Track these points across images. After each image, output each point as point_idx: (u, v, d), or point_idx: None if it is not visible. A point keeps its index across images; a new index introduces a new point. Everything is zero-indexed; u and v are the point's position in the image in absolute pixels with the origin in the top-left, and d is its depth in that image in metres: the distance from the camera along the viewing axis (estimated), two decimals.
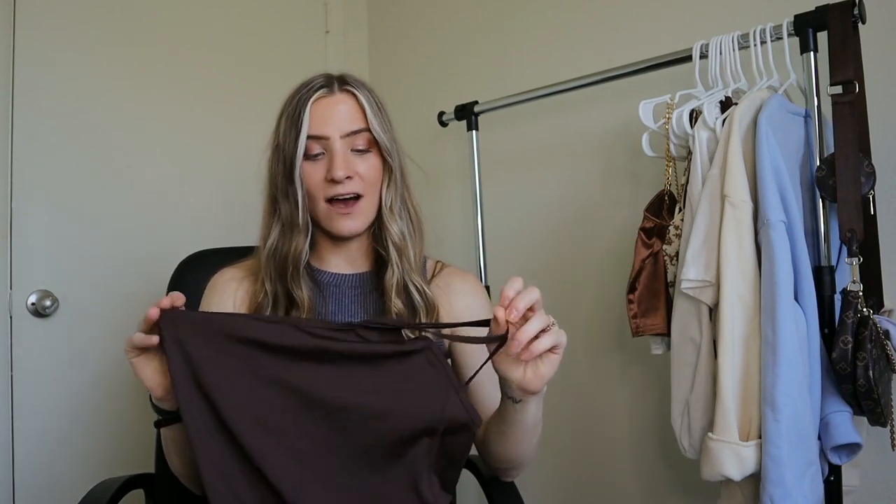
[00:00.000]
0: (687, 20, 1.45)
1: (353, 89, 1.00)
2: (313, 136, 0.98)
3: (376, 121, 1.00)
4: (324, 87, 0.99)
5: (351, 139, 0.99)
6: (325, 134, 0.98)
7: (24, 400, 1.50)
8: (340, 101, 0.99)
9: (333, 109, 0.98)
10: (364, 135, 0.99)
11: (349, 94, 1.00)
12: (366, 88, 1.02)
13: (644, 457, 1.52)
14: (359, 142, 0.99)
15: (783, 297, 0.99)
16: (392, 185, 1.02)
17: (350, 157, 0.99)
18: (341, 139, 0.98)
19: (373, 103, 1.01)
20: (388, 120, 1.03)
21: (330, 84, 1.00)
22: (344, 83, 1.01)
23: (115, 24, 1.66)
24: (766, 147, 1.04)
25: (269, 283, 1.00)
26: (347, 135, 0.98)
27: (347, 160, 0.98)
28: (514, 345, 0.77)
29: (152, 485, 1.23)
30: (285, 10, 2.02)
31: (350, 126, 0.98)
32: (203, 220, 1.77)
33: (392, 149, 1.01)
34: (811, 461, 0.99)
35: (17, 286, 1.51)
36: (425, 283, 1.04)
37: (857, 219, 1.03)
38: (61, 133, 1.57)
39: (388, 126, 1.02)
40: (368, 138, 1.00)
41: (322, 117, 0.98)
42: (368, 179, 1.00)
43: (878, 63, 1.17)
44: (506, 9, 1.79)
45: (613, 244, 1.55)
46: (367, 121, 0.99)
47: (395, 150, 1.03)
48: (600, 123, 1.58)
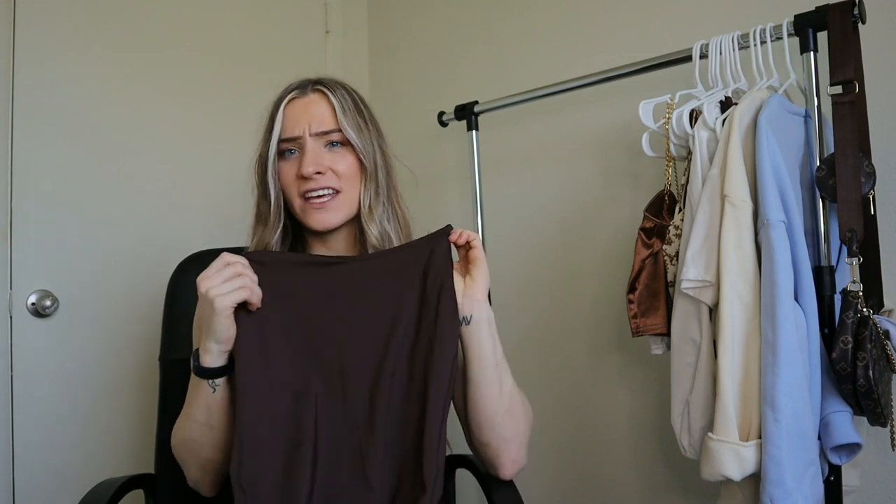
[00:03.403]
0: (687, 20, 1.45)
1: (324, 89, 1.02)
2: (285, 138, 1.01)
3: (347, 120, 1.01)
4: (297, 88, 1.03)
5: (324, 137, 1.01)
6: (295, 134, 1.00)
7: (24, 400, 1.49)
8: (312, 101, 1.02)
9: (304, 110, 1.01)
10: (336, 134, 1.01)
11: (321, 94, 1.02)
12: (344, 89, 1.04)
13: (644, 457, 1.52)
14: (333, 138, 1.01)
15: (783, 297, 0.99)
16: (370, 185, 1.03)
17: (322, 154, 1.01)
18: (311, 137, 1.00)
19: (347, 103, 1.02)
20: (366, 120, 1.04)
21: (304, 86, 1.03)
22: (318, 84, 1.03)
23: (114, 24, 1.66)
24: (766, 147, 1.04)
25: None
26: (318, 134, 1.00)
27: (318, 156, 1.00)
28: (453, 234, 0.96)
29: (152, 485, 1.23)
30: (285, 10, 2.02)
31: (320, 126, 1.00)
32: (203, 220, 1.77)
33: (368, 149, 1.02)
34: (811, 461, 0.99)
35: (17, 286, 1.51)
36: None
37: (857, 219, 1.03)
38: (61, 133, 1.57)
39: (364, 126, 1.03)
40: (342, 137, 1.01)
41: (293, 118, 1.01)
42: (344, 175, 1.01)
43: (878, 63, 1.17)
44: (506, 9, 1.79)
45: (613, 244, 1.55)
46: (338, 120, 1.00)
47: (374, 151, 1.03)
48: (600, 123, 1.58)
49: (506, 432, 0.97)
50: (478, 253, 0.97)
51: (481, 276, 0.96)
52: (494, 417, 0.96)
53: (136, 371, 1.63)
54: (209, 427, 0.93)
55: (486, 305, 0.96)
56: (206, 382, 0.90)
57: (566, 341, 1.65)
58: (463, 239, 0.97)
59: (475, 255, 0.97)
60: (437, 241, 0.97)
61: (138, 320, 1.62)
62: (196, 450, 0.96)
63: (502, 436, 0.97)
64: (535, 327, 1.70)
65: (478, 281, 0.96)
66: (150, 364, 1.37)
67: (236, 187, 1.81)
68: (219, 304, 0.86)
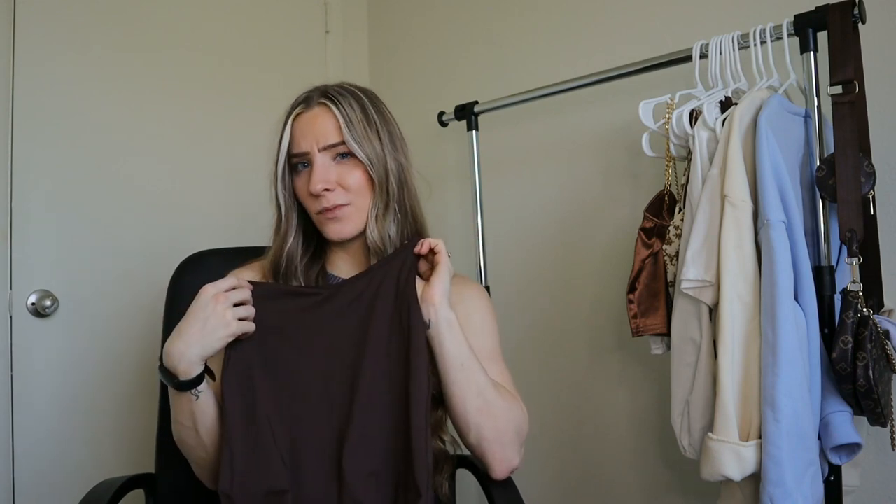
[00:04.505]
0: (687, 20, 1.45)
1: (328, 102, 1.01)
2: (294, 153, 1.02)
3: (351, 133, 0.99)
4: (303, 101, 1.03)
5: (332, 149, 1.01)
6: (303, 150, 1.01)
7: (24, 400, 1.49)
8: (317, 115, 1.01)
9: (310, 124, 1.01)
10: (343, 146, 1.00)
11: (324, 107, 1.01)
12: (352, 97, 1.02)
13: (644, 457, 1.52)
14: (340, 150, 1.01)
15: (783, 297, 0.99)
16: (380, 195, 1.02)
17: (331, 168, 1.00)
18: (320, 152, 1.00)
19: (354, 114, 1.00)
20: (374, 130, 1.02)
21: (309, 98, 1.03)
22: (324, 95, 1.02)
23: (114, 24, 1.66)
24: (766, 147, 1.04)
25: None
26: (324, 148, 1.00)
27: (326, 172, 1.00)
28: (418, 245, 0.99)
29: (152, 485, 1.23)
30: (285, 10, 2.01)
31: (326, 140, 1.00)
32: (203, 220, 1.76)
33: (375, 159, 1.01)
34: (811, 461, 0.99)
35: (17, 286, 1.51)
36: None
37: (857, 219, 1.03)
38: (61, 133, 1.57)
39: (371, 137, 1.01)
40: (348, 149, 1.00)
41: (300, 133, 1.01)
42: (354, 189, 1.01)
43: (878, 63, 1.17)
44: (506, 9, 1.79)
45: (613, 244, 1.55)
46: (342, 134, 1.00)
47: (384, 159, 1.02)
48: (600, 123, 1.58)
49: (485, 432, 0.96)
50: (440, 258, 0.99)
51: (438, 280, 0.97)
52: (467, 417, 0.96)
53: (136, 371, 1.63)
54: (195, 431, 0.93)
55: (445, 308, 0.97)
56: (188, 393, 0.90)
57: (566, 341, 1.65)
58: (426, 248, 0.99)
59: (437, 259, 0.99)
60: (406, 253, 1.00)
61: (138, 320, 1.62)
62: (188, 451, 0.98)
63: (483, 436, 0.96)
64: (535, 327, 1.70)
65: (434, 285, 0.97)
66: (150, 364, 1.37)
67: (236, 187, 1.82)
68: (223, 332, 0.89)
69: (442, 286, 0.97)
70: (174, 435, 0.98)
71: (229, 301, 0.90)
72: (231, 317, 0.89)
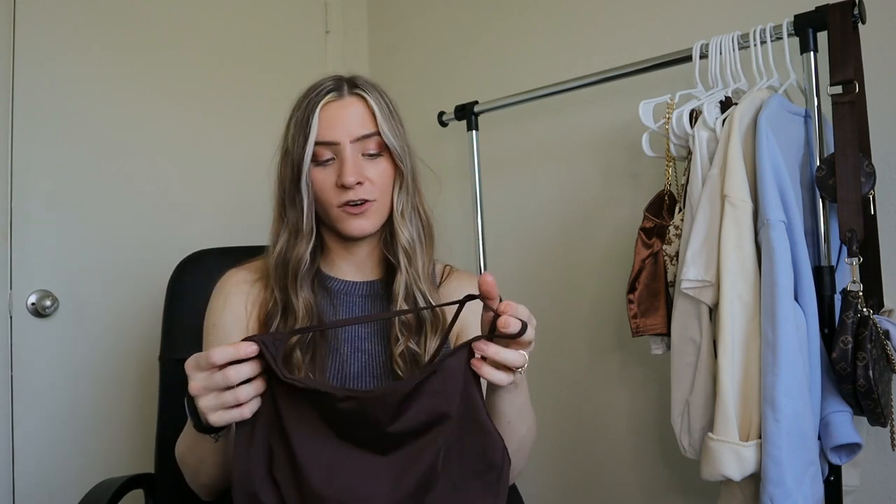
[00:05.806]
0: (687, 20, 1.45)
1: (362, 92, 0.98)
2: (322, 142, 0.96)
3: (387, 125, 0.97)
4: (333, 90, 0.97)
5: (361, 143, 0.97)
6: (334, 139, 0.95)
7: (24, 400, 1.49)
8: (350, 104, 0.97)
9: (342, 114, 0.96)
10: (375, 139, 0.97)
11: (359, 98, 0.97)
12: (377, 91, 1.00)
13: (644, 457, 1.52)
14: (370, 146, 0.97)
15: (783, 297, 0.99)
16: (404, 190, 1.00)
17: (360, 162, 0.97)
18: (351, 144, 0.96)
19: (384, 106, 0.98)
20: (399, 123, 1.00)
21: (339, 87, 0.98)
22: (354, 86, 0.98)
23: (114, 24, 1.66)
24: (766, 147, 1.04)
25: (278, 291, 0.99)
26: (357, 139, 0.96)
27: (358, 165, 0.96)
28: (502, 306, 0.80)
29: (152, 485, 1.23)
30: (285, 10, 2.02)
31: (360, 130, 0.96)
32: (203, 220, 1.77)
33: (404, 153, 0.99)
34: (811, 461, 0.99)
35: (17, 286, 1.51)
36: (434, 291, 1.02)
37: (857, 219, 1.03)
38: (61, 133, 1.57)
39: (400, 129, 1.00)
40: (379, 142, 0.97)
41: (331, 122, 0.96)
42: (379, 184, 0.98)
43: (878, 63, 1.17)
44: (506, 9, 1.79)
45: (613, 244, 1.55)
46: (378, 125, 0.97)
47: (407, 154, 1.01)
48: (600, 123, 1.58)
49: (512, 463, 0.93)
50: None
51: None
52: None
53: (136, 371, 1.63)
54: (204, 462, 0.88)
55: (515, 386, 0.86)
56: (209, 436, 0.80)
57: (566, 341, 1.65)
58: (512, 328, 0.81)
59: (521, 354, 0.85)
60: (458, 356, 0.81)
61: (138, 320, 1.62)
62: (186, 469, 0.93)
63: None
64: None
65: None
66: (150, 364, 1.37)
67: (236, 187, 1.82)
68: (211, 420, 0.74)
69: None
70: (176, 450, 0.93)
71: (214, 383, 0.73)
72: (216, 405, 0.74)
